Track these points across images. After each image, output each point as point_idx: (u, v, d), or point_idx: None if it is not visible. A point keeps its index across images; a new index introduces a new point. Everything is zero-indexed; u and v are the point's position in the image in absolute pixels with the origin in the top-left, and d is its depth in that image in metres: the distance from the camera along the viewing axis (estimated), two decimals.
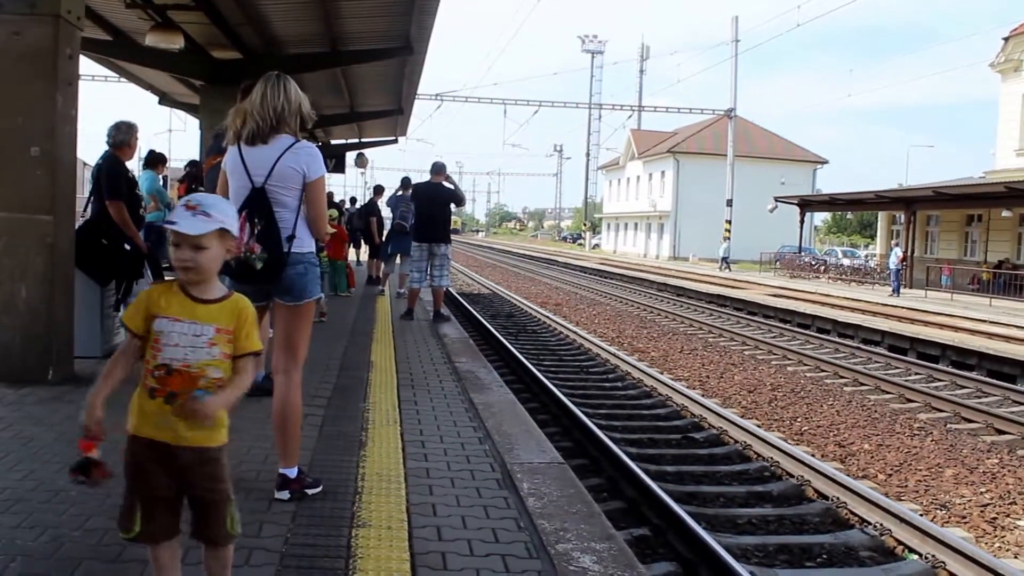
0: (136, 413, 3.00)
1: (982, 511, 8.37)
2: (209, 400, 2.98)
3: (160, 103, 22.61)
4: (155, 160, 11.99)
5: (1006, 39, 40.19)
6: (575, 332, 19.19)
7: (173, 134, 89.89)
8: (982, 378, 15.69)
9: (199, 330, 3.01)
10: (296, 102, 4.83)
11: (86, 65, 18.47)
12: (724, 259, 52.91)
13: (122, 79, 22.16)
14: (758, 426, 10.89)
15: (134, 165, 10.18)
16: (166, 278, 3.07)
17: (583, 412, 10.23)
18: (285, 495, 4.70)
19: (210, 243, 3.03)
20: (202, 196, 3.11)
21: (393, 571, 3.86)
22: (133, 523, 3.00)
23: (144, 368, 3.02)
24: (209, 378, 3.01)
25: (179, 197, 11.12)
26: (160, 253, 11.23)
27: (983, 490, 9.03)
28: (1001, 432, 11.50)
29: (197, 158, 14.51)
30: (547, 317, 22.22)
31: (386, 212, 19.49)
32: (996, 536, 7.75)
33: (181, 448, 2.99)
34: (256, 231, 4.69)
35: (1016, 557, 7.23)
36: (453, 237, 14.60)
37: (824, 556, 6.83)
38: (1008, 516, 8.27)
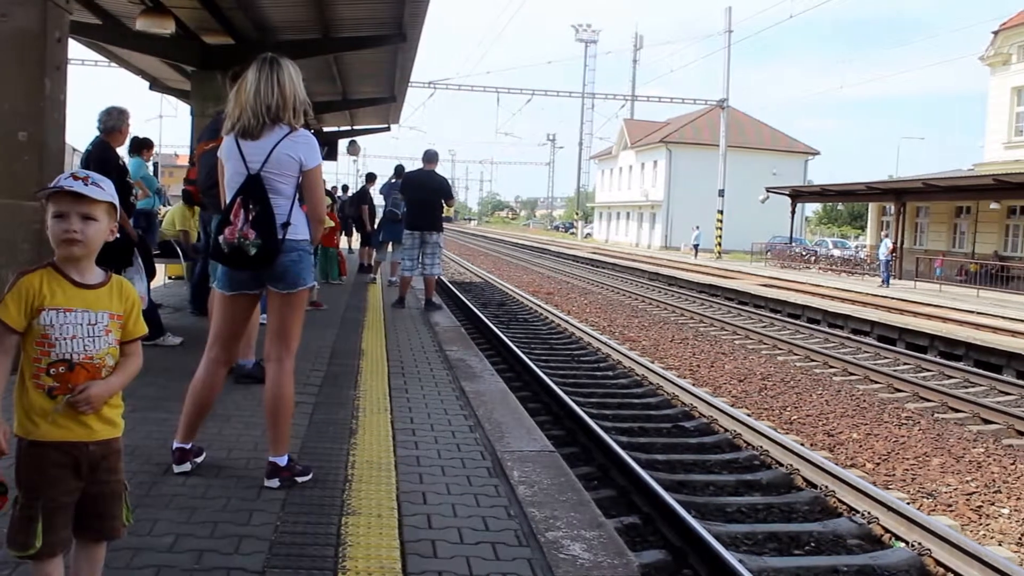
0: (35, 417, 2.77)
1: (968, 499, 8.41)
2: (98, 386, 2.81)
3: (151, 88, 22.48)
4: (141, 146, 11.93)
5: (995, 33, 40.32)
6: (566, 321, 19.20)
7: (164, 120, 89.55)
8: (969, 368, 15.75)
9: (94, 318, 2.81)
10: (291, 94, 4.76)
11: (75, 49, 18.40)
12: (695, 246, 55.07)
13: (112, 64, 22.05)
14: (748, 415, 10.90)
15: (123, 152, 10.14)
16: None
17: (574, 401, 10.24)
18: (275, 483, 4.69)
19: (101, 216, 2.82)
20: (87, 171, 2.87)
21: (383, 559, 3.86)
22: (33, 538, 2.73)
23: (31, 367, 2.79)
24: (108, 367, 2.85)
25: (186, 180, 11.12)
26: (150, 240, 11.24)
27: (969, 479, 9.08)
28: (987, 422, 11.56)
29: (188, 144, 14.46)
30: (539, 306, 22.23)
31: (378, 200, 19.47)
32: (981, 524, 7.79)
33: (94, 444, 2.82)
34: (251, 217, 4.68)
35: (1000, 544, 7.28)
36: (445, 226, 14.60)
37: (812, 544, 6.86)
38: (993, 504, 8.32)
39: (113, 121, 8.80)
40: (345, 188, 32.54)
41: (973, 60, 41.71)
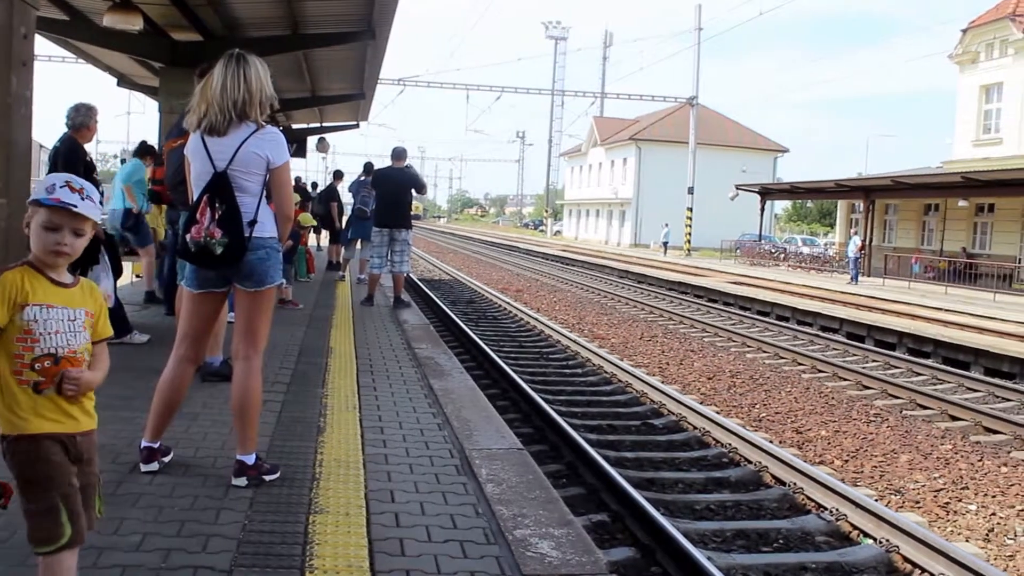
0: (21, 413, 2.81)
1: (935, 496, 8.48)
2: (87, 374, 2.92)
3: (119, 85, 22.29)
4: (147, 152, 12.06)
5: (964, 31, 40.66)
6: (536, 318, 19.21)
7: (132, 116, 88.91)
8: (937, 365, 15.89)
9: (73, 315, 2.91)
10: (257, 90, 4.75)
11: (42, 45, 18.22)
12: (664, 243, 55.77)
13: (80, 60, 21.83)
14: (717, 412, 10.95)
15: (92, 148, 10.08)
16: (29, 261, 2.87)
17: (543, 398, 10.25)
18: (243, 482, 4.67)
19: (88, 229, 2.94)
20: (80, 179, 2.95)
21: (351, 557, 3.85)
22: (62, 528, 2.82)
23: (12, 364, 2.82)
24: (87, 363, 2.95)
25: (151, 180, 11.10)
26: (138, 241, 11.23)
27: (936, 475, 9.16)
28: (955, 419, 11.66)
29: (157, 141, 14.37)
30: (508, 303, 22.23)
31: (346, 197, 19.41)
32: (948, 520, 7.85)
33: (80, 435, 2.92)
34: (217, 216, 4.66)
35: (967, 540, 7.34)
36: (414, 223, 14.59)
37: (781, 541, 6.90)
38: (960, 500, 8.39)
39: (81, 118, 8.73)
40: (314, 185, 32.41)
41: (942, 58, 42.04)
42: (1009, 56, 37.97)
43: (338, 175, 20.98)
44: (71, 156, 8.44)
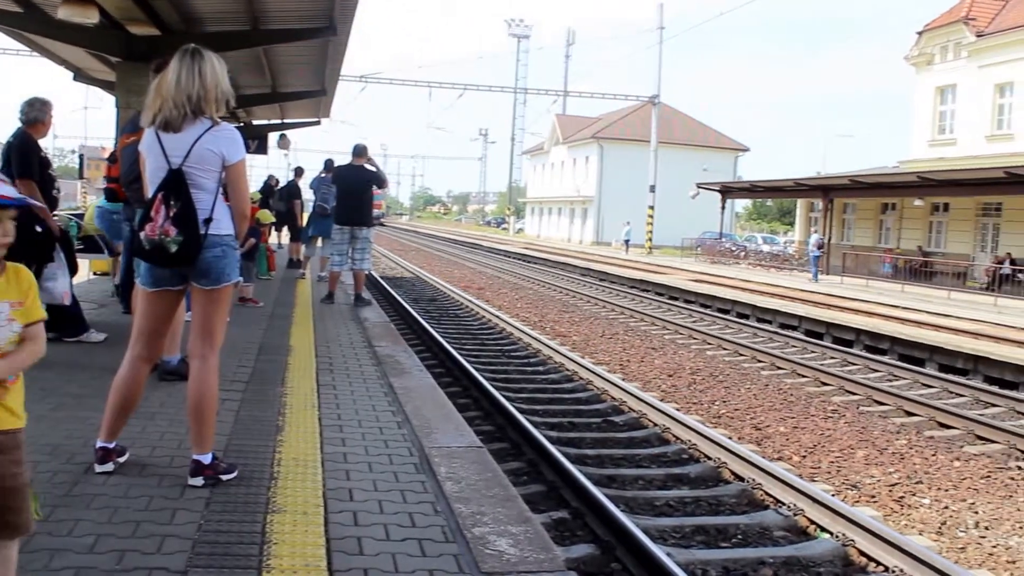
0: None
1: (890, 490, 8.56)
2: (1, 362, 2.81)
3: (75, 79, 22.03)
4: None
5: (920, 33, 41.12)
6: (497, 316, 19.21)
7: (89, 111, 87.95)
8: (893, 362, 16.08)
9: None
10: (213, 85, 4.70)
11: None
12: (626, 241, 56.06)
13: (35, 53, 21.54)
14: (677, 409, 10.99)
15: (49, 143, 9.95)
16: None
17: (504, 396, 10.25)
18: (199, 481, 4.63)
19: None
20: None
21: (308, 556, 3.83)
22: None
23: None
24: (8, 353, 2.86)
25: (106, 177, 10.97)
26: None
27: (892, 470, 9.24)
28: (910, 414, 11.78)
29: (114, 137, 14.21)
30: (470, 301, 22.21)
31: (308, 194, 19.34)
32: (903, 514, 7.93)
33: (2, 433, 2.82)
34: (172, 213, 4.61)
35: (921, 534, 7.41)
36: (382, 222, 14.56)
37: (739, 536, 6.94)
38: (915, 495, 8.47)
39: (35, 112, 8.60)
40: (276, 182, 32.23)
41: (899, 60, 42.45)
42: (963, 59, 38.45)
43: (299, 172, 20.89)
44: (25, 151, 8.31)
